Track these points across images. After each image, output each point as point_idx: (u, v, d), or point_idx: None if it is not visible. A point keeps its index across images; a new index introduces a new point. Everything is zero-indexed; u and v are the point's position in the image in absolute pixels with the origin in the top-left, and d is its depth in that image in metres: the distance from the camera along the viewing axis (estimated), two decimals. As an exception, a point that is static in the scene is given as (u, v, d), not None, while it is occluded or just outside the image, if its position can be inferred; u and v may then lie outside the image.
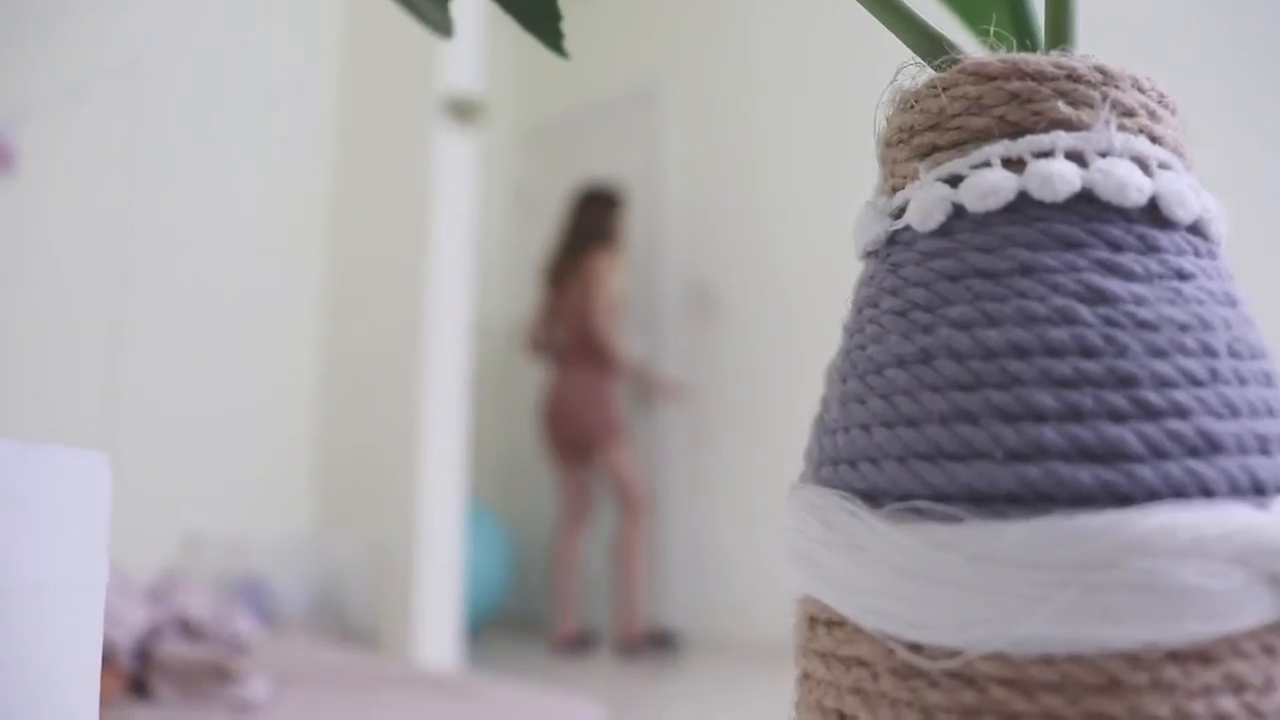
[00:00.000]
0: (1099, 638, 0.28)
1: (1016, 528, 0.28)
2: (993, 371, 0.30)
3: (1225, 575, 0.28)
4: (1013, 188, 0.32)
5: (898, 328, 0.33)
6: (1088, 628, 0.28)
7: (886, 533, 0.30)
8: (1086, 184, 0.32)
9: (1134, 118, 0.33)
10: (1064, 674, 0.28)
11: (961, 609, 0.29)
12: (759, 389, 3.42)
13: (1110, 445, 0.29)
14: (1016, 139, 0.32)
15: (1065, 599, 0.28)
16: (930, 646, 0.29)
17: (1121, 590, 0.27)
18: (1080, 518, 0.28)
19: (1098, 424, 0.29)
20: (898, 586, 0.30)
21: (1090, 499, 0.29)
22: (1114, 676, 0.28)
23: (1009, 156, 0.32)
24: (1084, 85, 0.32)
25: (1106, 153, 0.32)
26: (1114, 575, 0.27)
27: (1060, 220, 0.32)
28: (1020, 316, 0.31)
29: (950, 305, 0.32)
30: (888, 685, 0.31)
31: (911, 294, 0.33)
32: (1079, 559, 0.28)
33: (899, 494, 0.31)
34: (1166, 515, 0.28)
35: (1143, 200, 0.32)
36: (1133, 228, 0.32)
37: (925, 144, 0.34)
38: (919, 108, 0.35)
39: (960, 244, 0.33)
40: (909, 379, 0.32)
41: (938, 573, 0.29)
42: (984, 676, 0.29)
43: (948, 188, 0.33)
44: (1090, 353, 0.30)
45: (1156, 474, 0.29)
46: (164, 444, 2.89)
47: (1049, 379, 0.30)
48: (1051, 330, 0.30)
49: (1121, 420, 0.29)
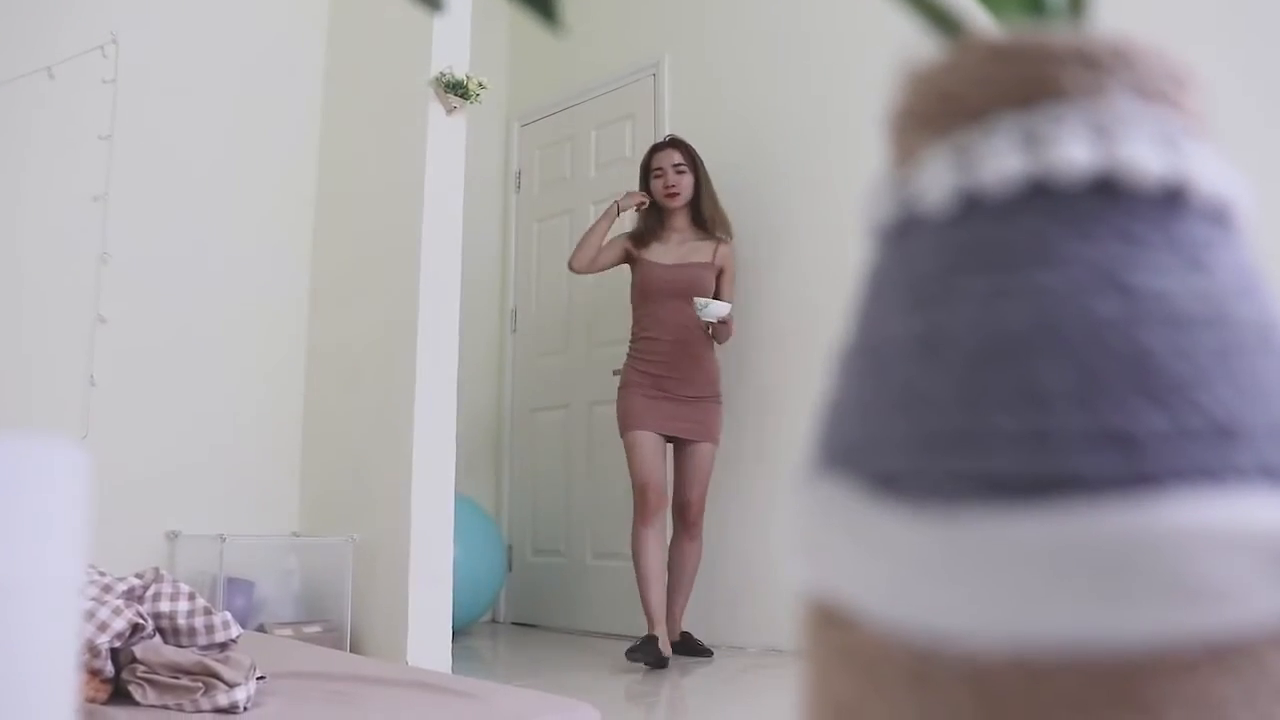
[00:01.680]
0: (1115, 629, 0.27)
1: (1032, 516, 0.28)
2: (1007, 356, 0.30)
3: (1245, 564, 0.28)
4: (1025, 166, 0.31)
5: (908, 310, 0.32)
6: (1104, 619, 0.27)
7: (896, 522, 0.30)
8: (1102, 162, 0.31)
9: (1153, 94, 0.32)
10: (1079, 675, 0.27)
11: (973, 601, 0.28)
12: (765, 373, 3.40)
13: (1130, 432, 0.28)
14: (1029, 116, 0.31)
15: (1081, 589, 0.27)
16: (942, 643, 0.29)
17: (1139, 579, 0.27)
18: (1098, 506, 0.27)
19: (1117, 410, 0.28)
20: (907, 578, 0.29)
21: (1108, 487, 0.28)
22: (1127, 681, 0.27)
23: (1021, 134, 0.31)
24: (1100, 61, 0.32)
25: (1124, 130, 0.31)
26: (1131, 565, 0.27)
27: (1074, 199, 0.31)
28: (1036, 299, 0.30)
29: (962, 287, 0.31)
30: (896, 683, 0.30)
31: (922, 275, 0.32)
32: (1096, 548, 0.27)
33: (910, 481, 0.30)
34: (1186, 504, 0.27)
35: (1162, 180, 0.31)
36: (1151, 208, 0.31)
37: (935, 122, 0.33)
38: (929, 85, 0.34)
39: (971, 223, 0.32)
40: (920, 363, 0.31)
41: (949, 563, 0.28)
42: (995, 675, 0.28)
43: (958, 166, 0.32)
44: (1106, 336, 0.29)
45: (1176, 462, 0.28)
46: (144, 439, 2.86)
47: (1065, 363, 0.29)
48: (1066, 313, 0.29)
49: (1141, 407, 0.28)
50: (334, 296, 3.18)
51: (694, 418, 3.17)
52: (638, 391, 3.17)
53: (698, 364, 3.19)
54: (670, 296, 3.19)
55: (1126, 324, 0.29)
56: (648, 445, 3.12)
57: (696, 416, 3.18)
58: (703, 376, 3.20)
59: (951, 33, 0.35)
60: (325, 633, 2.77)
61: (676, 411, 3.16)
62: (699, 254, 3.26)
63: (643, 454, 3.11)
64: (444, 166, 2.89)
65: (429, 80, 2.86)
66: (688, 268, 3.22)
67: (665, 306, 3.19)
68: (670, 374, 3.17)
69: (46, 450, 0.33)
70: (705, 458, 3.19)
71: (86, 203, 2.77)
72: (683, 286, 3.18)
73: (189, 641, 1.45)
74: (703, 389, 3.20)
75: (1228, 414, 0.29)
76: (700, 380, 3.19)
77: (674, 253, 3.26)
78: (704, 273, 3.23)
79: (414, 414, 2.77)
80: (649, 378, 3.18)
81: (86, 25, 2.79)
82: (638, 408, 3.15)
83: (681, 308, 3.12)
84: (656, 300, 3.22)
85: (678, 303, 3.15)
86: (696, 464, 3.19)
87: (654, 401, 3.15)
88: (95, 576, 1.43)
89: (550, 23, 0.37)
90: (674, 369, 3.17)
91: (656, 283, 3.22)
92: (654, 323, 3.22)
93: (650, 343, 3.21)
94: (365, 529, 2.88)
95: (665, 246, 3.27)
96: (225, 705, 1.34)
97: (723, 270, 3.28)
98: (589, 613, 3.85)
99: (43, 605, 0.32)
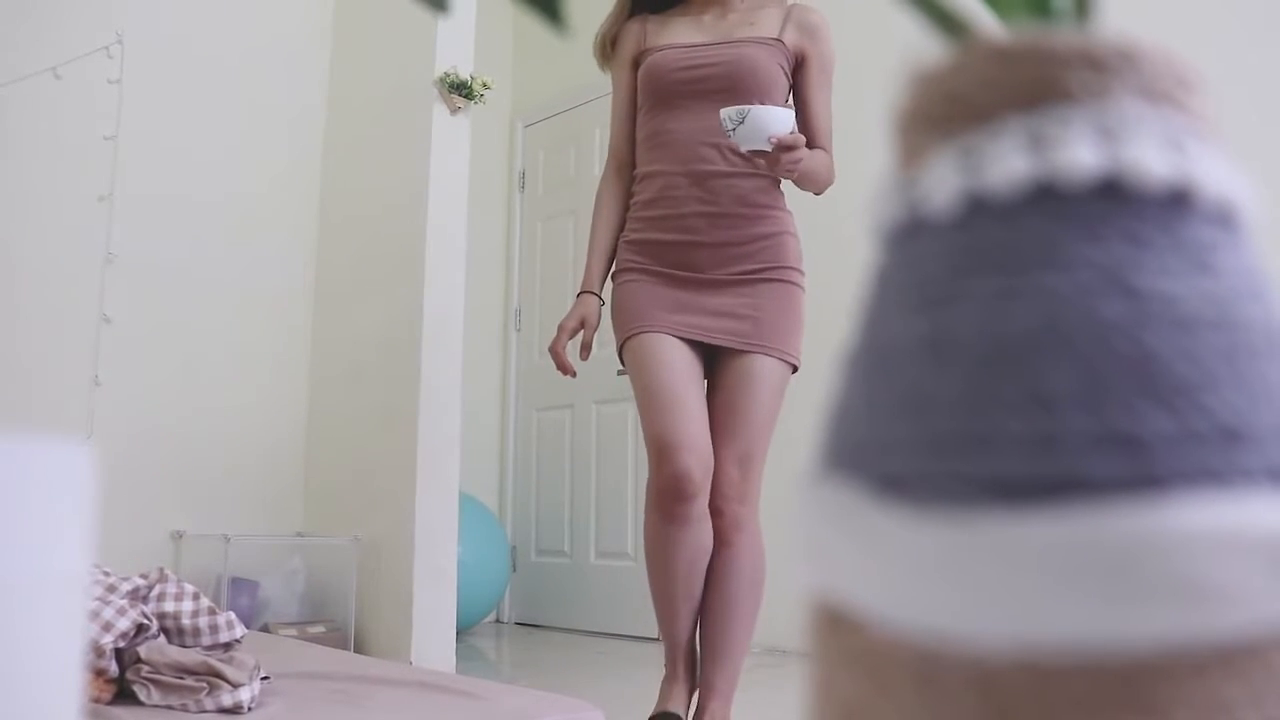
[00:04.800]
0: (1122, 631, 0.27)
1: (1039, 518, 0.27)
2: (1013, 357, 0.29)
3: (1252, 566, 0.28)
4: (1031, 168, 0.31)
5: (914, 312, 0.32)
6: (1111, 621, 0.27)
7: (903, 525, 0.30)
8: (1108, 165, 0.31)
9: (1159, 96, 0.32)
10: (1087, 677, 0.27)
11: (980, 603, 0.28)
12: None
13: (1136, 435, 0.28)
14: (1035, 118, 0.31)
15: (1088, 591, 0.27)
16: (948, 645, 0.28)
17: (1146, 582, 0.27)
18: (1105, 508, 0.27)
19: (1123, 412, 0.28)
20: (914, 581, 0.29)
21: (1115, 489, 0.28)
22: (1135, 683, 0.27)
23: (1027, 136, 0.31)
24: (1106, 63, 0.31)
25: (1129, 132, 0.31)
26: (1138, 567, 0.27)
27: (1080, 201, 0.31)
28: (1042, 301, 0.30)
29: (968, 288, 0.31)
30: (903, 686, 0.30)
31: (928, 277, 0.32)
32: (1102, 550, 0.27)
33: (916, 482, 0.30)
34: (1192, 506, 0.27)
35: (1167, 182, 0.31)
36: (1157, 210, 0.31)
37: (941, 123, 0.33)
38: (935, 86, 0.34)
39: (977, 225, 0.32)
40: (926, 365, 0.31)
41: (955, 565, 0.28)
42: (1002, 677, 0.28)
43: (964, 168, 0.32)
44: (1113, 339, 0.29)
45: (1183, 465, 0.28)
46: (148, 439, 2.86)
47: (1072, 365, 0.29)
48: (1073, 315, 0.29)
49: (1147, 409, 0.28)
50: (338, 297, 3.18)
51: (740, 310, 1.77)
52: (641, 276, 1.83)
53: (741, 218, 1.78)
54: (691, 99, 1.80)
55: (1132, 326, 0.29)
56: (669, 358, 1.75)
57: (742, 308, 1.77)
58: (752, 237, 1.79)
59: (957, 34, 0.35)
60: (329, 633, 2.78)
61: (708, 303, 1.78)
62: (756, 26, 1.83)
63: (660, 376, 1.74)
64: (448, 167, 2.89)
65: (433, 80, 2.86)
66: (730, 47, 1.80)
67: (683, 117, 1.80)
68: (697, 238, 1.79)
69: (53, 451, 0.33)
70: (764, 383, 1.77)
71: (92, 203, 2.78)
72: (719, 83, 1.77)
73: (193, 641, 1.45)
74: (756, 259, 1.78)
75: (1234, 416, 0.29)
76: (750, 244, 1.79)
77: (709, 28, 1.85)
78: (760, 55, 1.78)
79: (418, 414, 2.77)
80: (658, 249, 1.82)
81: (92, 26, 2.80)
82: (648, 296, 1.80)
83: (710, 118, 1.73)
84: (668, 108, 1.82)
85: (704, 109, 1.77)
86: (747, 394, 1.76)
87: (672, 290, 1.80)
88: (100, 576, 1.43)
89: (555, 23, 0.37)
90: (699, 229, 1.79)
91: (669, 77, 1.80)
92: (662, 149, 1.82)
93: (657, 185, 1.82)
94: (369, 529, 2.88)
95: (695, 20, 1.87)
96: (229, 705, 1.34)
97: (804, 55, 1.84)
98: (593, 613, 3.85)
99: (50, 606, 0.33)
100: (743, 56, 1.78)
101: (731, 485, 1.75)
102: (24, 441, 0.32)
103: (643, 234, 1.85)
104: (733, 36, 1.82)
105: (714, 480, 1.74)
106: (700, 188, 1.79)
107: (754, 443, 1.76)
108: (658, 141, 1.83)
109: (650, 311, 1.79)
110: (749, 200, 1.79)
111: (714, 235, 1.78)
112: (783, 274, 1.80)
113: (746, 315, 1.77)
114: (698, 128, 1.78)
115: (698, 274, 1.79)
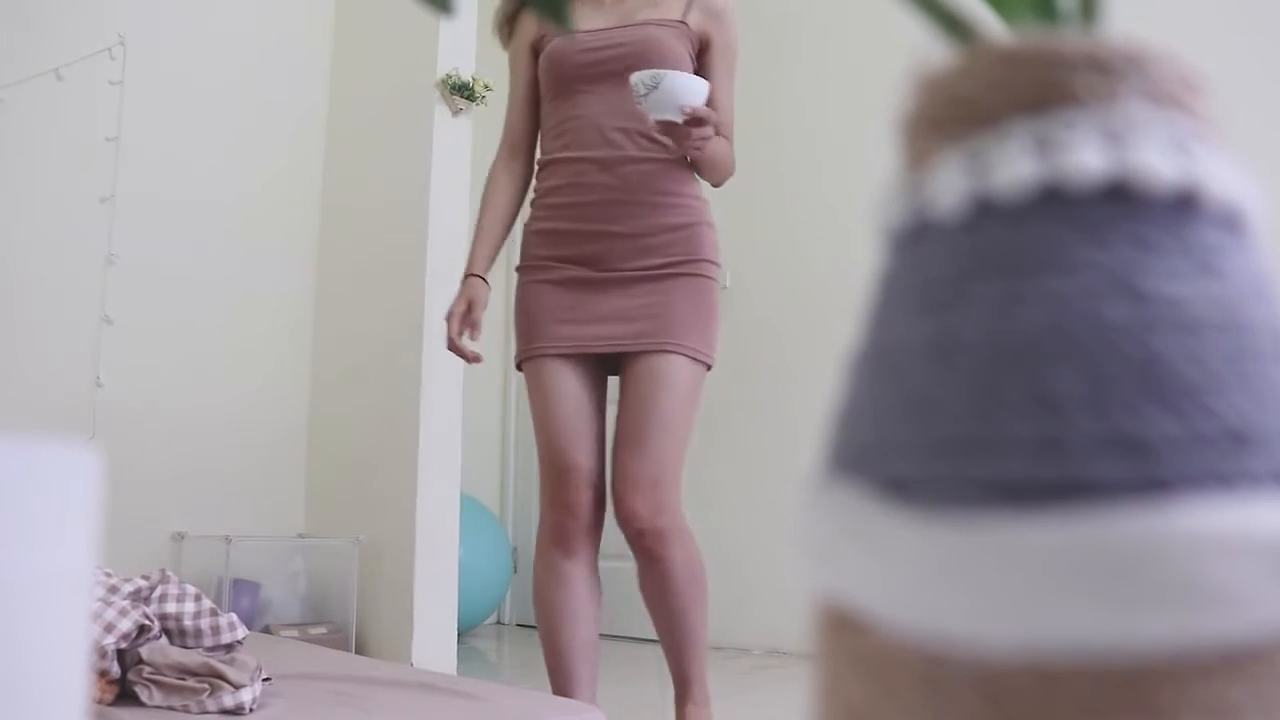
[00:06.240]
0: (1128, 634, 0.27)
1: (1045, 521, 0.28)
2: (1019, 360, 0.30)
3: (1258, 569, 0.28)
4: (1038, 172, 0.31)
5: (919, 315, 0.32)
6: (1117, 624, 0.27)
7: (908, 528, 0.30)
8: (1115, 168, 0.31)
9: (1165, 98, 0.32)
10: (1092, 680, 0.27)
11: (985, 606, 0.28)
12: (768, 380, 3.39)
13: (1142, 438, 0.28)
14: (1041, 121, 0.31)
15: (1094, 594, 0.27)
16: (954, 648, 0.28)
17: (1152, 585, 0.27)
18: (1111, 511, 0.27)
19: (1129, 416, 0.28)
20: (919, 583, 0.29)
21: (1121, 492, 0.28)
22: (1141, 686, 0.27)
23: (1034, 139, 0.31)
24: (1112, 65, 0.32)
25: (1136, 135, 0.31)
26: (1144, 570, 0.27)
27: (1087, 204, 0.31)
28: (1048, 304, 0.30)
29: (974, 292, 0.31)
30: (908, 688, 0.30)
31: (934, 280, 0.32)
32: (1108, 553, 0.27)
33: (921, 486, 0.30)
34: (1199, 509, 0.27)
35: (1174, 185, 0.31)
36: (1163, 213, 0.31)
37: (947, 126, 0.33)
38: (940, 89, 0.34)
39: (983, 228, 0.32)
40: (932, 368, 0.31)
41: (961, 568, 0.28)
42: (1007, 680, 0.28)
43: (970, 171, 0.32)
44: (1119, 342, 0.29)
45: (1189, 468, 0.28)
46: (150, 441, 2.86)
47: (1078, 368, 0.29)
48: (1079, 318, 0.29)
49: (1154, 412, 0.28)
50: (339, 298, 3.18)
51: (643, 312, 1.69)
52: (541, 277, 1.76)
53: (653, 207, 1.71)
54: (595, 82, 1.74)
55: (1139, 329, 0.29)
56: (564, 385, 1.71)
57: (649, 307, 1.69)
58: (664, 227, 1.71)
59: (963, 37, 0.35)
60: (330, 634, 2.78)
61: (613, 304, 1.70)
62: (659, 8, 1.78)
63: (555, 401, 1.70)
64: (450, 168, 2.90)
65: (435, 82, 2.87)
66: (633, 29, 1.75)
67: (589, 102, 1.74)
68: (600, 226, 1.72)
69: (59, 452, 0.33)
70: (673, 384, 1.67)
71: (93, 204, 2.78)
72: (623, 63, 1.68)
73: (195, 643, 1.45)
74: (666, 252, 1.71)
75: (1241, 419, 0.29)
76: (661, 235, 1.71)
77: (610, 10, 1.79)
78: (664, 36, 1.74)
79: (419, 415, 2.77)
80: (564, 238, 1.74)
81: (94, 27, 2.80)
82: (543, 305, 1.74)
83: (618, 102, 1.68)
84: (572, 93, 1.76)
85: (610, 93, 1.70)
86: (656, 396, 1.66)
87: (573, 294, 1.72)
88: (101, 578, 1.44)
89: (559, 24, 0.38)
90: (607, 218, 1.71)
91: (571, 60, 1.75)
92: (569, 135, 1.75)
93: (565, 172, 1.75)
94: (371, 530, 2.89)
95: (595, 4, 1.80)
96: (231, 706, 1.34)
97: (708, 40, 1.79)
98: (594, 614, 3.85)
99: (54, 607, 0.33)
100: (647, 37, 1.73)
101: (645, 503, 1.65)
102: (29, 443, 0.32)
103: (548, 223, 1.78)
104: (635, 18, 1.77)
105: (625, 500, 1.66)
106: (610, 174, 1.71)
107: (667, 448, 1.66)
108: (565, 129, 1.76)
109: (547, 326, 1.73)
110: (661, 188, 1.72)
111: (624, 224, 1.71)
112: (695, 267, 1.73)
113: (655, 314, 1.69)
114: (605, 110, 1.72)
115: (604, 271, 1.72)
